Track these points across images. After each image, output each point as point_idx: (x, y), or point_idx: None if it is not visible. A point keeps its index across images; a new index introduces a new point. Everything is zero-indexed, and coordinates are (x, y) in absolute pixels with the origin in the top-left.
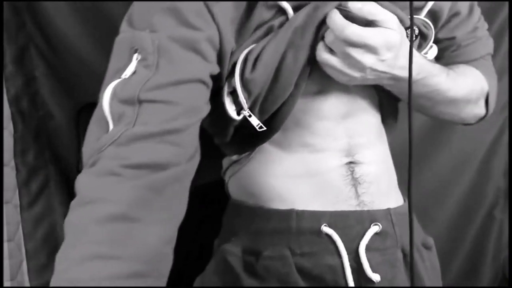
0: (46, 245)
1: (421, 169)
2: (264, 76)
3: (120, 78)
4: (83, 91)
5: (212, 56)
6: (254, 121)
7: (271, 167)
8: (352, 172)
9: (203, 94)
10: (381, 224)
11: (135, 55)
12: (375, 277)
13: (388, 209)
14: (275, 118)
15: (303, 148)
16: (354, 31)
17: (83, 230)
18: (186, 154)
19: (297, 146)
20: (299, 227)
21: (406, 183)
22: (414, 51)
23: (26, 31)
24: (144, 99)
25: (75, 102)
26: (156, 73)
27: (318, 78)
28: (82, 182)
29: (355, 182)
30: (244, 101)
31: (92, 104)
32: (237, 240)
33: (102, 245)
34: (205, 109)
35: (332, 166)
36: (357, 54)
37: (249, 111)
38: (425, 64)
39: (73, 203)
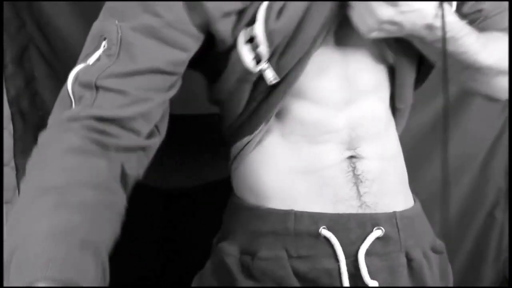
0: None
1: (421, 169)
2: (289, 26)
3: (85, 63)
4: None
5: (182, 41)
6: (269, 73)
7: (271, 160)
8: (354, 168)
9: (160, 82)
10: (384, 228)
11: (103, 43)
12: (373, 284)
13: (394, 213)
14: (284, 82)
15: (302, 137)
16: None
17: (43, 160)
18: (139, 136)
19: (297, 136)
20: (297, 229)
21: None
22: (446, 7)
23: (26, 31)
24: (100, 86)
25: None
26: (115, 62)
27: (318, 62)
28: (43, 136)
29: (356, 179)
30: (267, 50)
31: None
32: (235, 240)
33: (62, 174)
34: (161, 96)
35: (333, 161)
36: (375, 3)
37: (268, 63)
38: (454, 22)
39: (33, 151)
